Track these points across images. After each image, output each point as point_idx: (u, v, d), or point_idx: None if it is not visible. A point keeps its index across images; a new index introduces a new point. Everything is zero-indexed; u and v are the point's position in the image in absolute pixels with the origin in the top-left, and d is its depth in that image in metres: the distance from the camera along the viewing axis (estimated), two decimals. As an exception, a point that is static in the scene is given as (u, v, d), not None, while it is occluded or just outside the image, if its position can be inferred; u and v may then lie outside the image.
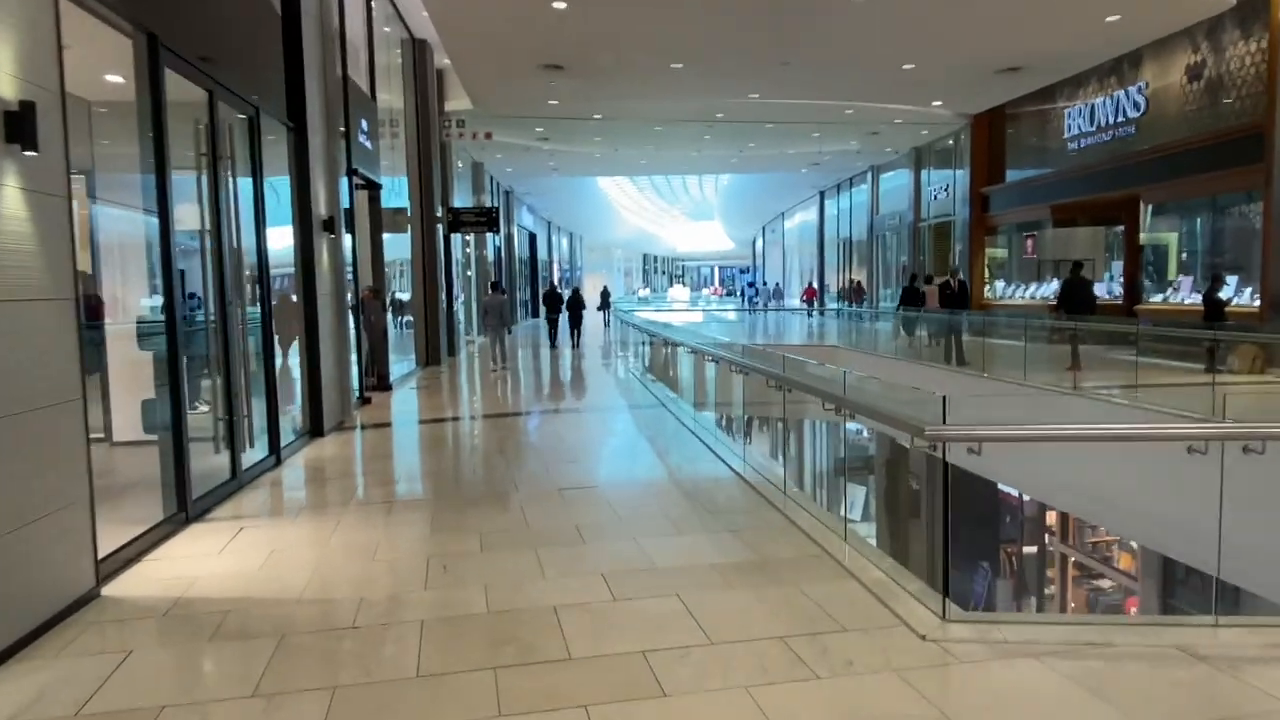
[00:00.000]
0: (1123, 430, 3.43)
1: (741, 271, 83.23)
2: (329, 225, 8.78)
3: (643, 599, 3.80)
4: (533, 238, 37.35)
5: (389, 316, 15.21)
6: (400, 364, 14.58)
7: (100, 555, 4.20)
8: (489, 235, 25.68)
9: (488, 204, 26.36)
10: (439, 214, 16.38)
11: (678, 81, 14.64)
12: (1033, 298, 19.06)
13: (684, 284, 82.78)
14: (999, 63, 14.40)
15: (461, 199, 20.52)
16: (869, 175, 28.30)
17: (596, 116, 18.93)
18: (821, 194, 34.61)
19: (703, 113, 18.84)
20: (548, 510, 5.40)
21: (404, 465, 7.20)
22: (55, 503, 3.76)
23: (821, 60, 13.62)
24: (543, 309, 21.98)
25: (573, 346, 20.23)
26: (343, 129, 10.36)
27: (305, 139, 8.23)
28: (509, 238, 30.30)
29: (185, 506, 5.29)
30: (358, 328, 10.97)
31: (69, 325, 3.97)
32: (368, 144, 11.43)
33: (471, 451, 7.77)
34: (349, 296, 10.32)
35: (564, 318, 20.87)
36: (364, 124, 11.28)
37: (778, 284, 47.17)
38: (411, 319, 15.88)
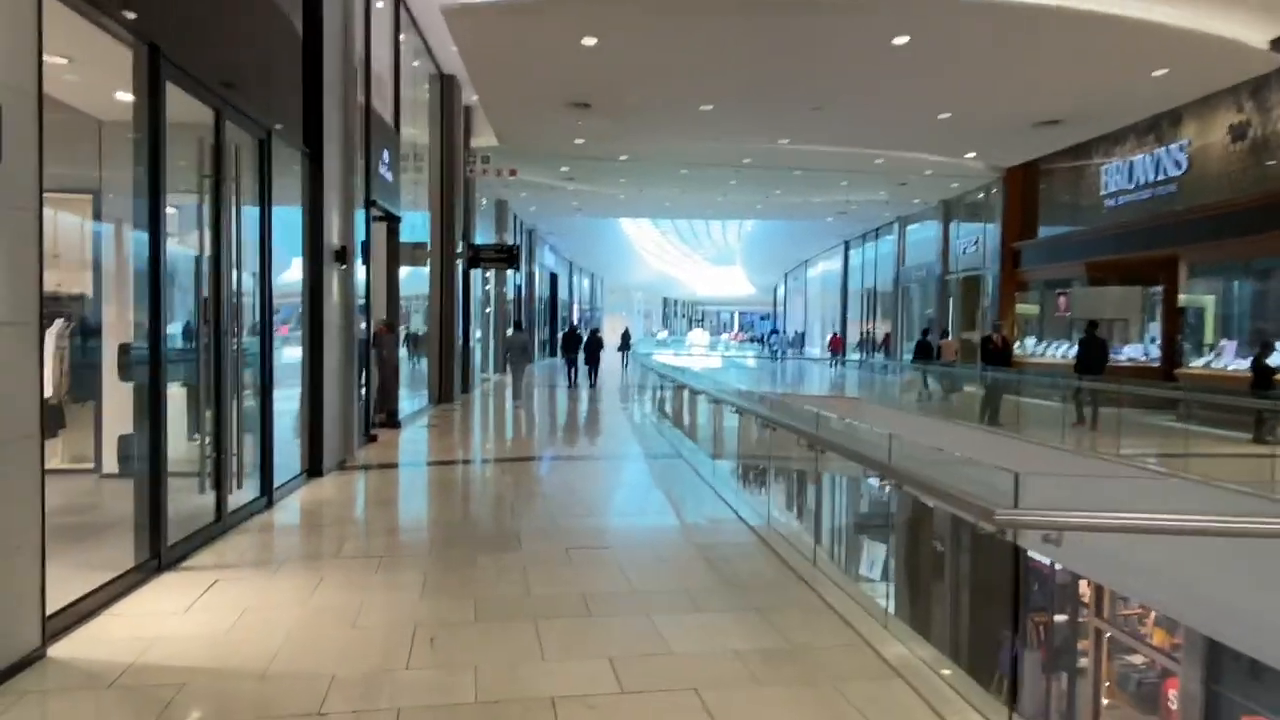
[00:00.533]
0: (1245, 524, 2.90)
1: (763, 318, 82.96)
2: (341, 256, 8.45)
3: (655, 693, 3.29)
4: (554, 277, 37.23)
5: (404, 351, 14.91)
6: (413, 400, 14.21)
7: (52, 609, 3.75)
8: (510, 273, 25.52)
9: (510, 242, 26.28)
10: (459, 250, 16.13)
11: (707, 123, 14.40)
12: (1064, 356, 18.46)
13: (703, 328, 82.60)
14: (1038, 115, 14.06)
15: (484, 236, 20.33)
16: (895, 226, 27.97)
17: (623, 157, 18.74)
18: (846, 243, 34.30)
19: (730, 157, 18.60)
20: (552, 574, 4.91)
21: (402, 513, 6.74)
22: (-6, 552, 3.34)
23: (856, 106, 13.33)
24: (560, 349, 22.31)
25: (590, 386, 20.62)
26: (363, 159, 10.11)
27: (321, 166, 7.93)
28: (530, 276, 30.13)
29: (159, 553, 4.84)
30: (367, 362, 10.60)
31: (29, 352, 3.57)
32: (388, 176, 11.18)
33: (476, 499, 7.30)
34: (360, 329, 9.97)
35: (582, 357, 21.34)
36: (386, 155, 11.05)
37: (798, 331, 46.82)
38: (426, 355, 15.54)
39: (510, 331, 20.96)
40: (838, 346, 29.33)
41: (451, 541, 5.73)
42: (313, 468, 7.95)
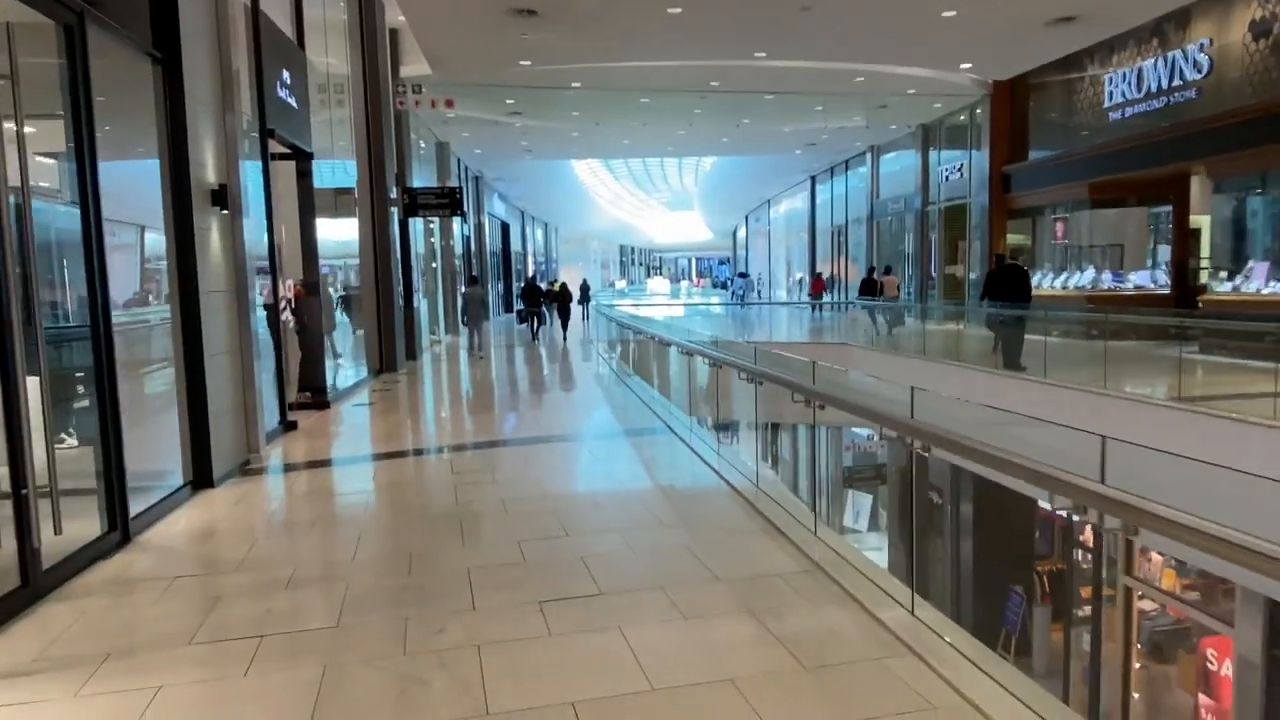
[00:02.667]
0: None
1: (721, 263, 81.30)
2: (220, 198, 6.44)
3: None
4: (505, 227, 34.90)
5: (339, 315, 12.87)
6: (347, 373, 12.26)
7: None
8: (456, 224, 23.34)
9: (461, 195, 23.93)
10: (393, 195, 14.01)
11: (673, 34, 12.36)
12: (1064, 288, 17.06)
13: (662, 276, 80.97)
14: (1052, 11, 12.27)
15: (425, 183, 18.12)
16: (868, 157, 26.20)
17: (575, 85, 16.62)
18: (813, 179, 32.50)
19: (697, 80, 16.60)
20: (520, 660, 3.17)
21: (308, 549, 4.89)
22: None
23: (849, 2, 11.37)
24: (518, 303, 22.95)
25: (563, 340, 20.61)
26: (254, 76, 8.01)
27: (180, 76, 5.89)
28: (479, 227, 27.89)
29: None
30: (276, 332, 8.64)
31: None
32: (291, 101, 9.07)
33: (416, 518, 5.48)
34: (262, 292, 8.00)
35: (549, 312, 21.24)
36: (286, 75, 8.92)
37: (758, 274, 45.16)
38: (359, 319, 13.52)
39: (465, 287, 20.57)
40: (821, 289, 27.61)
41: (374, 600, 3.94)
42: (199, 477, 6.07)
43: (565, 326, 22.13)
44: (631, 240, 76.31)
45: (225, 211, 6.55)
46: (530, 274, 27.61)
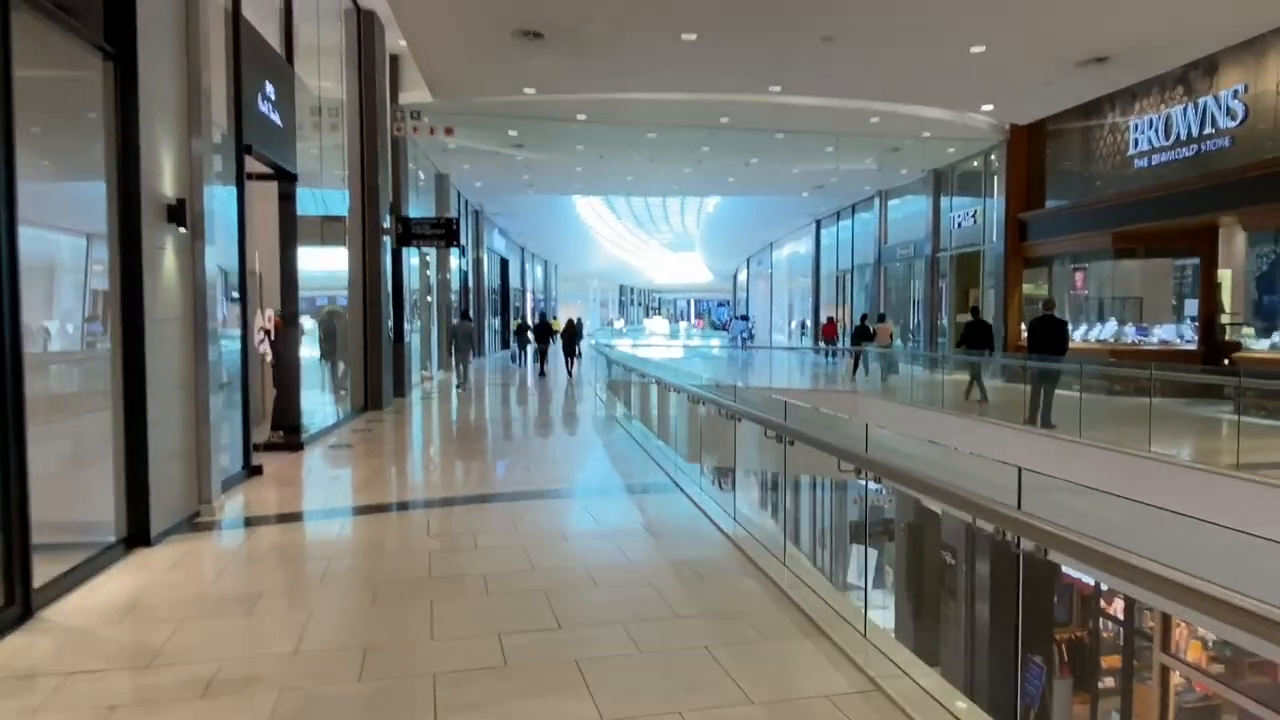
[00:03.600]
0: None
1: (720, 305, 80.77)
2: (177, 214, 5.69)
3: None
4: (504, 263, 34.28)
5: (321, 349, 12.09)
6: (328, 411, 11.43)
7: None
8: (455, 258, 22.67)
9: (459, 229, 23.29)
10: (386, 224, 13.31)
11: (686, 62, 11.74)
12: (1084, 340, 16.35)
13: (661, 316, 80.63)
14: (1087, 49, 11.70)
15: (423, 215, 17.45)
16: (876, 201, 25.69)
17: (580, 117, 16.05)
18: (818, 223, 32.00)
19: (706, 116, 16.03)
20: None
21: (242, 636, 3.97)
22: None
23: (875, 33, 10.69)
24: (532, 338, 25.15)
25: (568, 375, 21.09)
26: (232, 86, 7.33)
27: (135, 75, 5.17)
28: (478, 262, 27.25)
29: None
30: (246, 367, 7.84)
31: None
32: (274, 117, 8.38)
33: (379, 595, 4.59)
34: (220, 319, 7.22)
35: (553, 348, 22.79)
36: (270, 89, 8.24)
37: (752, 318, 44.56)
38: (346, 353, 12.71)
39: (456, 320, 20.87)
40: (832, 334, 26.86)
41: (308, 717, 3.08)
42: (134, 532, 5.22)
43: (570, 363, 22.50)
44: (631, 280, 75.90)
45: (184, 230, 5.79)
46: (542, 312, 28.59)
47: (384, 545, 5.59)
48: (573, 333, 22.82)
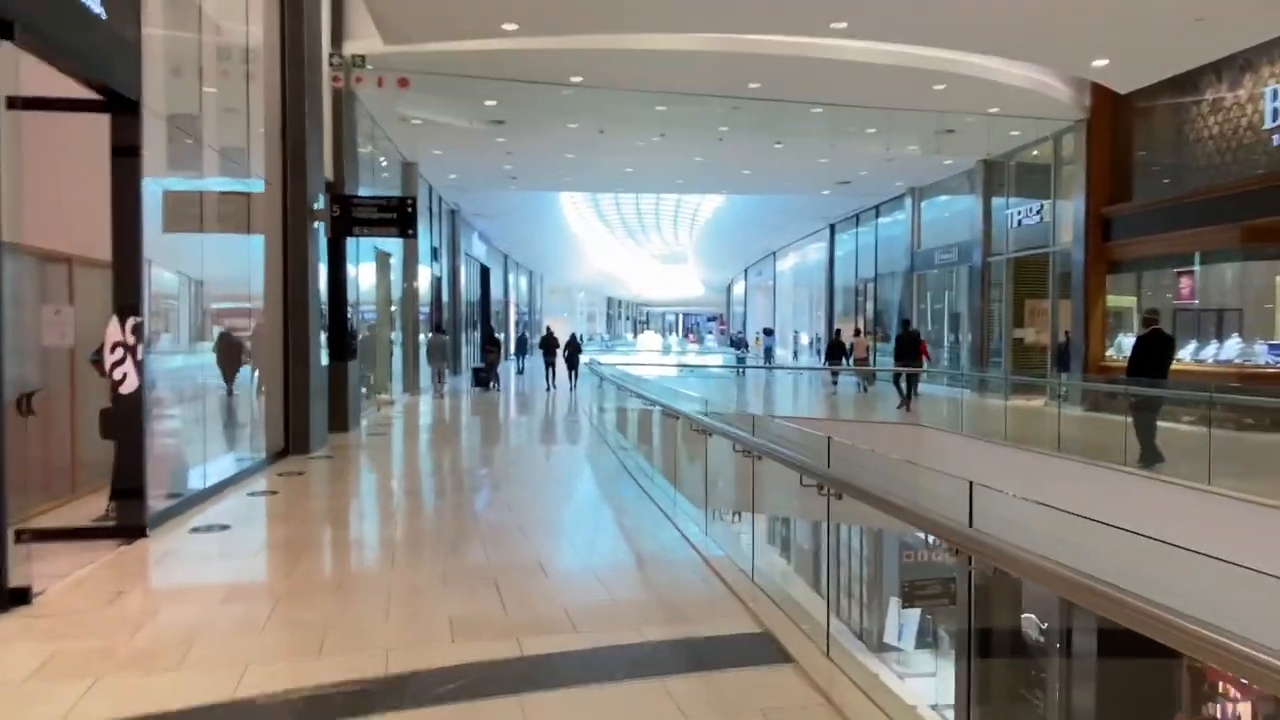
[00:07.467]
0: None
1: (710, 319, 77.61)
2: None
3: None
4: (485, 272, 30.94)
5: (222, 371, 8.71)
6: (217, 461, 8.01)
7: None
8: (425, 261, 19.33)
9: (431, 229, 19.96)
10: (319, 206, 9.97)
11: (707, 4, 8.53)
12: (1198, 360, 13.24)
13: (651, 330, 77.74)
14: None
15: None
16: (907, 201, 22.60)
17: (575, 80, 12.80)
18: (832, 227, 28.89)
19: (730, 81, 12.86)
20: None
21: None
22: None
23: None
24: (539, 352, 24.26)
25: (570, 389, 20.24)
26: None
27: None
28: (455, 270, 23.92)
29: None
30: (29, 406, 4.47)
31: None
32: (96, 8, 5.05)
33: None
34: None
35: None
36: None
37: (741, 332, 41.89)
38: (262, 378, 9.31)
39: (430, 334, 18.96)
40: (862, 352, 23.51)
41: None
42: None
43: (573, 377, 21.36)
44: (618, 293, 72.77)
45: None
46: (548, 327, 25.91)
47: None
48: (575, 348, 22.00)
